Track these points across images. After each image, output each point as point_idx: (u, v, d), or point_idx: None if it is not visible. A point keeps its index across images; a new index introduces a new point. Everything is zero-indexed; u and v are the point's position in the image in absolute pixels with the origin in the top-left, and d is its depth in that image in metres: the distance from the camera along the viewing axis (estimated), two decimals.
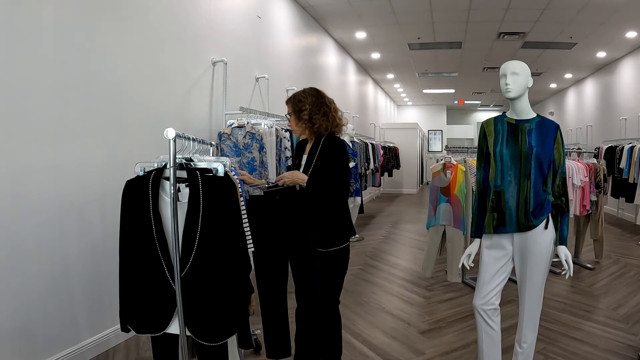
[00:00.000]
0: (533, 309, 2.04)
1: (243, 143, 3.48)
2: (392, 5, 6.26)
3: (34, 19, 2.31)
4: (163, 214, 1.67)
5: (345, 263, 2.24)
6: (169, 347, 1.77)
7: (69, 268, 2.54)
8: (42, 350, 2.37)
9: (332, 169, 2.10)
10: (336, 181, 2.10)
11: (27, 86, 2.29)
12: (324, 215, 2.14)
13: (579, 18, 6.41)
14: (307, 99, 2.17)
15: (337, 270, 2.22)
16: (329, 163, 2.11)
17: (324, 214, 2.14)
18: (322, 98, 2.20)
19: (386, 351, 2.75)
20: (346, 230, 2.22)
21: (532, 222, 1.96)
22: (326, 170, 2.10)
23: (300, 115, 2.17)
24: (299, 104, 2.16)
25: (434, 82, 12.54)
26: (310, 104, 2.16)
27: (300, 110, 2.16)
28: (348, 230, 2.24)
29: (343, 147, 2.17)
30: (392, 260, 5.08)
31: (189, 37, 3.62)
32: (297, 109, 2.17)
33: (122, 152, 2.85)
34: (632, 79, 8.10)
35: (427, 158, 15.87)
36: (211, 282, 1.65)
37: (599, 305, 3.51)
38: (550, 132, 1.99)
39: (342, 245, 2.19)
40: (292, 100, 2.21)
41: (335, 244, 2.16)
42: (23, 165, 2.28)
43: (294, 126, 2.22)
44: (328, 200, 2.12)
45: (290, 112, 2.22)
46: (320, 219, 2.14)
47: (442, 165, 3.84)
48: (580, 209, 4.46)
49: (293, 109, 2.19)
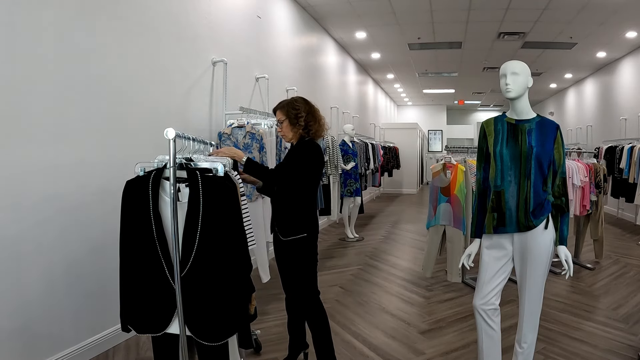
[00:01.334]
0: (533, 309, 2.03)
1: (243, 143, 3.48)
2: (392, 5, 6.26)
3: (34, 19, 2.31)
4: (163, 214, 1.67)
5: (307, 254, 2.30)
6: (170, 347, 1.77)
7: (69, 268, 2.54)
8: (42, 350, 2.37)
9: (294, 162, 2.23)
10: (292, 174, 2.22)
11: (27, 86, 2.29)
12: (283, 205, 2.28)
13: (579, 18, 6.41)
14: (302, 106, 2.30)
15: (300, 259, 2.29)
16: (294, 158, 2.26)
17: (282, 203, 2.28)
18: (313, 106, 2.35)
19: (386, 351, 2.75)
20: (306, 222, 2.29)
21: (532, 222, 1.96)
22: (289, 162, 2.24)
23: (297, 122, 2.28)
24: (295, 111, 2.28)
25: (434, 82, 12.54)
26: (305, 111, 2.29)
27: (296, 117, 2.28)
28: (309, 223, 2.30)
29: (316, 150, 2.30)
30: (392, 260, 5.08)
31: (189, 37, 3.62)
32: (294, 116, 2.28)
33: (122, 152, 2.85)
34: (632, 79, 8.10)
35: (427, 158, 15.88)
36: (211, 282, 1.65)
37: (599, 305, 3.51)
38: (550, 132, 1.99)
39: (299, 235, 2.26)
40: (286, 107, 2.30)
41: (293, 233, 2.26)
42: (23, 165, 2.28)
43: (287, 132, 2.32)
44: (282, 189, 2.26)
45: (282, 119, 2.30)
46: (280, 208, 2.29)
47: (442, 165, 3.84)
48: (580, 209, 4.46)
49: (288, 115, 2.29)
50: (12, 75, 2.21)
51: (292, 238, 2.25)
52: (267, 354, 2.69)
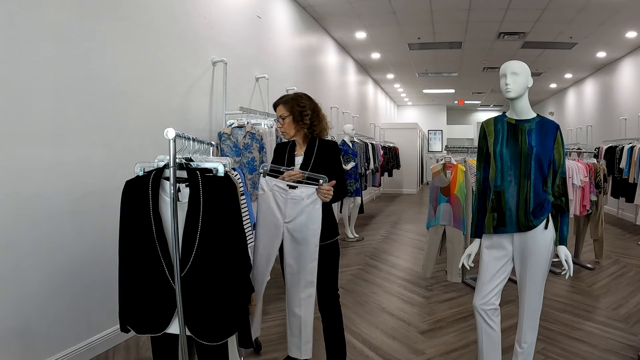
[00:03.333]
0: (533, 309, 2.03)
1: (243, 143, 3.48)
2: (392, 5, 6.26)
3: (34, 19, 2.31)
4: (163, 214, 1.67)
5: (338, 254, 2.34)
6: (169, 347, 1.77)
7: (69, 268, 2.54)
8: (42, 350, 2.37)
9: (337, 168, 2.24)
10: (343, 179, 2.26)
11: (27, 86, 2.29)
12: (324, 211, 2.22)
13: (579, 18, 6.41)
14: (307, 104, 2.25)
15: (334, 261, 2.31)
16: (333, 163, 2.24)
17: (324, 209, 2.21)
18: (317, 104, 2.31)
19: (386, 351, 2.75)
20: (336, 224, 2.35)
21: (532, 222, 1.97)
22: (332, 169, 2.21)
23: (301, 119, 2.23)
24: (300, 108, 2.22)
25: (434, 82, 12.54)
26: (310, 109, 2.25)
27: (301, 114, 2.22)
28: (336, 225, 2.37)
29: (339, 149, 2.33)
30: (392, 260, 5.08)
31: (189, 37, 3.62)
32: (298, 113, 2.22)
33: (122, 152, 2.85)
34: (632, 79, 8.10)
35: (427, 158, 15.87)
36: (211, 281, 1.65)
37: (599, 305, 3.51)
38: (550, 132, 1.99)
39: (334, 239, 2.31)
40: (290, 103, 2.23)
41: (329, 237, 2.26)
42: (23, 165, 2.28)
43: (289, 129, 2.25)
44: (338, 196, 2.20)
45: (285, 115, 2.23)
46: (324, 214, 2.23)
47: (442, 165, 3.84)
48: (580, 209, 4.46)
49: (292, 111, 2.22)
50: (12, 75, 2.21)
51: (329, 242, 2.24)
52: (267, 354, 2.69)
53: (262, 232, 2.21)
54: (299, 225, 2.14)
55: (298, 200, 2.12)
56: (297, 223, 2.14)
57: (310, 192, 2.11)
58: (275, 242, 2.20)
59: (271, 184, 2.16)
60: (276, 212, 2.16)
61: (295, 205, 2.13)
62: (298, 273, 2.18)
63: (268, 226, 2.19)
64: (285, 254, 2.21)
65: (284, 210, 2.15)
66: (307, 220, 2.12)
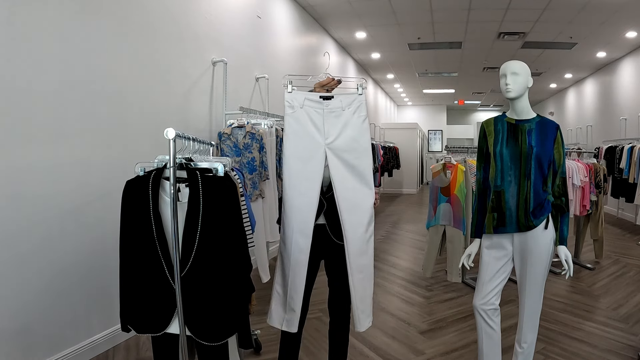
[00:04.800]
0: (533, 309, 2.04)
1: (243, 143, 3.48)
2: (392, 5, 6.26)
3: (34, 19, 2.31)
4: (163, 214, 1.67)
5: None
6: (169, 347, 1.77)
7: (69, 268, 2.54)
8: (42, 350, 2.37)
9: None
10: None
11: (27, 86, 2.29)
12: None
13: (579, 18, 6.41)
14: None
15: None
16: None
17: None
18: None
19: (386, 351, 2.75)
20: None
21: (532, 222, 1.97)
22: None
23: None
24: None
25: (434, 82, 12.54)
26: None
27: None
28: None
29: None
30: (392, 260, 5.08)
31: (189, 37, 3.62)
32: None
33: (122, 152, 2.85)
34: (632, 79, 8.10)
35: (427, 158, 15.87)
36: (211, 281, 1.65)
37: (599, 305, 3.51)
38: (550, 132, 1.99)
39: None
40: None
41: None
42: (23, 165, 2.28)
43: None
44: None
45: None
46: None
47: (442, 165, 3.84)
48: (580, 209, 4.46)
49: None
50: (12, 75, 2.21)
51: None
52: (267, 354, 2.69)
53: (295, 168, 1.79)
54: (347, 140, 1.78)
55: (339, 113, 1.79)
56: (344, 139, 1.79)
57: (351, 101, 1.79)
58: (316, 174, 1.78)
59: (301, 99, 1.81)
60: (314, 132, 1.80)
61: (337, 119, 1.79)
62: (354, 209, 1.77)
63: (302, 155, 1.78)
64: (335, 182, 1.80)
65: (322, 127, 1.79)
66: (354, 134, 1.78)
